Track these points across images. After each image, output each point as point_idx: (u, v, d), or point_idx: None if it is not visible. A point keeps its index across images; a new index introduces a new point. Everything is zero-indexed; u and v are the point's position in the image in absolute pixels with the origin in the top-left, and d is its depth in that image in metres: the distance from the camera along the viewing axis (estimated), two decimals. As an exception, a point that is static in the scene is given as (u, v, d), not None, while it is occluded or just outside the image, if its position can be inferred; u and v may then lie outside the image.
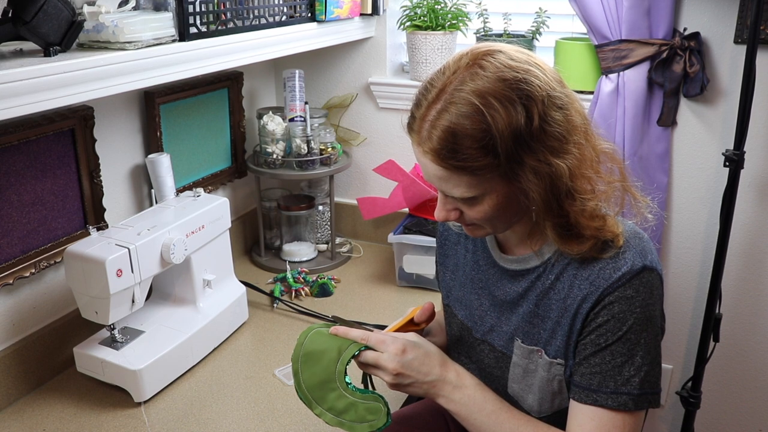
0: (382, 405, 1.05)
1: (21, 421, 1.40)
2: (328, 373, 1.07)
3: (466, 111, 0.92)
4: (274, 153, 2.00)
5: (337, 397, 1.06)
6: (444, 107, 0.94)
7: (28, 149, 1.44)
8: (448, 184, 0.99)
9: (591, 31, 1.73)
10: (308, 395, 1.08)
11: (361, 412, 1.05)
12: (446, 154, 0.94)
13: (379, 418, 1.04)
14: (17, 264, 1.45)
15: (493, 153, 0.93)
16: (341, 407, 1.06)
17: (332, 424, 1.06)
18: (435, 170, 0.98)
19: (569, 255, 1.03)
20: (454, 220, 1.06)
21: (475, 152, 0.93)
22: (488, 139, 0.92)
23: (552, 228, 1.00)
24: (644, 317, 0.99)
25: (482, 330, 1.18)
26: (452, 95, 0.94)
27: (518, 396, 1.14)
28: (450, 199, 1.03)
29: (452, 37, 2.01)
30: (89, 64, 1.20)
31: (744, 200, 1.79)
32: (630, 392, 1.00)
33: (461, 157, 0.94)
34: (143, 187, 1.79)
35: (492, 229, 1.07)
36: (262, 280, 2.01)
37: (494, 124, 0.91)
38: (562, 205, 0.98)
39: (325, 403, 1.07)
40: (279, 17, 1.71)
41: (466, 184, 0.97)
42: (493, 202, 1.00)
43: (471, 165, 0.94)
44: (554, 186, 0.96)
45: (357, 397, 1.06)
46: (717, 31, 1.70)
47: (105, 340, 1.51)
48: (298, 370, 1.09)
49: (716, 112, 1.77)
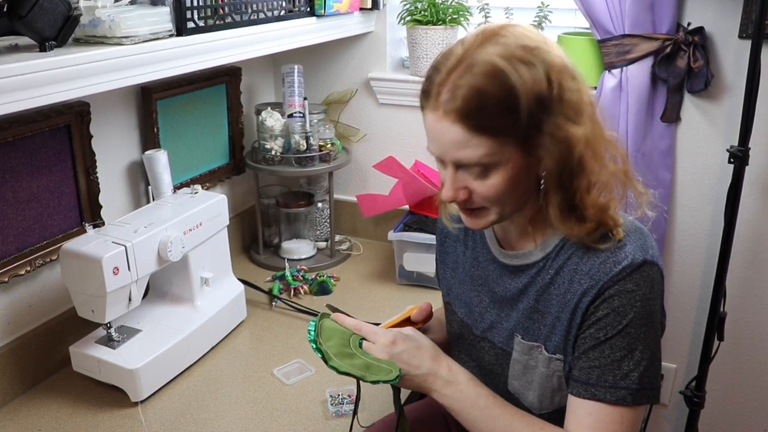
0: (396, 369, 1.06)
1: (16, 421, 1.39)
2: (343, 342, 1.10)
3: (490, 70, 0.93)
4: (273, 149, 1.98)
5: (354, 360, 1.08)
6: (467, 68, 0.94)
7: (24, 145, 1.43)
8: (465, 150, 0.96)
9: (594, 25, 1.72)
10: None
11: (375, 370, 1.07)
12: (471, 112, 0.93)
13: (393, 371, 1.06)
14: (12, 262, 1.44)
15: (515, 114, 0.93)
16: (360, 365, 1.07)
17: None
18: (454, 134, 0.96)
19: (569, 237, 1.03)
20: (462, 201, 1.03)
21: (498, 112, 0.93)
22: (512, 99, 0.93)
23: (556, 206, 1.01)
24: (644, 311, 0.99)
25: (482, 327, 1.19)
26: (475, 59, 0.94)
27: (518, 393, 1.14)
28: (460, 176, 1.01)
29: (453, 32, 1.99)
30: (85, 59, 1.19)
31: (749, 197, 1.77)
32: (629, 387, 0.99)
33: (485, 116, 0.93)
34: (140, 183, 1.78)
35: (498, 213, 1.04)
36: (260, 278, 2.00)
37: (518, 84, 0.93)
38: (572, 178, 0.98)
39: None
40: (278, 12, 1.70)
41: (486, 148, 0.95)
42: (506, 174, 0.98)
43: (494, 125, 0.94)
44: (568, 155, 0.97)
45: (371, 359, 1.07)
46: (721, 25, 1.69)
47: (101, 339, 1.50)
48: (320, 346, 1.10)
49: (720, 107, 1.76)
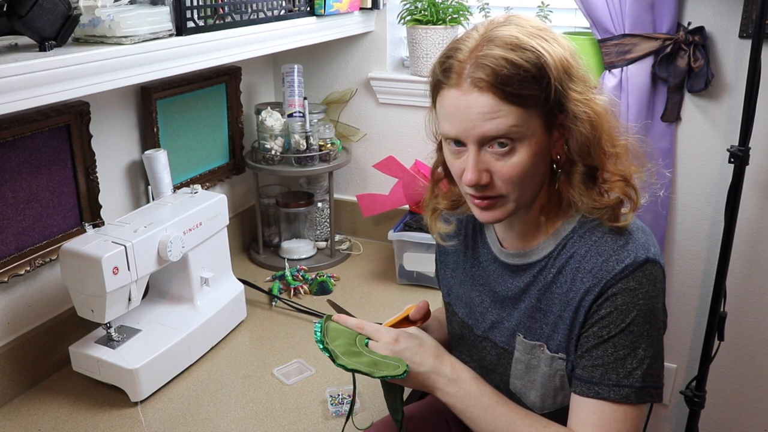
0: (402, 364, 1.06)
1: (16, 420, 1.39)
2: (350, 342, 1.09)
3: (516, 43, 0.95)
4: (273, 149, 1.98)
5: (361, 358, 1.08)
6: (491, 43, 0.95)
7: (23, 145, 1.43)
8: (494, 121, 0.95)
9: (594, 25, 1.71)
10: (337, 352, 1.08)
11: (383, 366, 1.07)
12: (502, 79, 0.93)
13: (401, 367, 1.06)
14: (12, 262, 1.44)
15: (544, 83, 0.95)
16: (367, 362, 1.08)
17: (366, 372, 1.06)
18: (483, 104, 0.95)
19: (590, 213, 1.03)
20: (484, 184, 1.00)
21: (528, 81, 0.94)
22: (541, 69, 0.95)
23: (579, 177, 1.02)
24: (647, 309, 0.99)
25: (483, 327, 1.19)
26: (496, 35, 0.96)
27: (520, 392, 1.14)
28: (483, 156, 0.99)
29: (453, 32, 1.99)
30: (85, 58, 1.19)
31: (749, 197, 1.77)
32: (632, 385, 0.99)
33: (515, 84, 0.94)
34: (140, 183, 1.78)
35: (516, 201, 1.02)
36: (260, 278, 2.00)
37: (546, 54, 0.95)
38: (597, 147, 1.00)
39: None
40: (277, 11, 1.70)
41: (514, 118, 0.95)
42: (530, 152, 0.98)
43: (523, 93, 0.94)
44: (593, 124, 0.99)
45: (378, 356, 1.07)
46: (722, 25, 1.69)
47: (101, 338, 1.49)
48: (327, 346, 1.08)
49: (721, 107, 1.76)
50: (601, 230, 1.03)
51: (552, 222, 1.08)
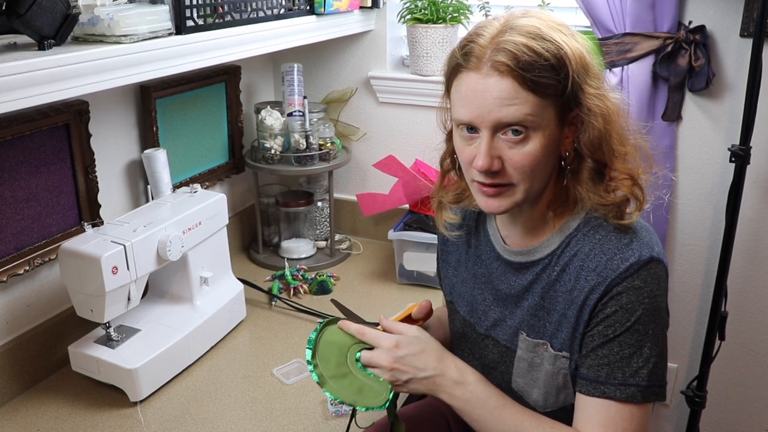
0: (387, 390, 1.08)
1: (15, 420, 1.39)
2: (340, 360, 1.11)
3: (537, 33, 0.96)
4: (273, 148, 1.98)
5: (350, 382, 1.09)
6: (513, 31, 0.96)
7: (22, 144, 1.43)
8: (510, 107, 0.96)
9: (594, 24, 1.71)
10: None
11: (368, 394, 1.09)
12: (523, 66, 0.94)
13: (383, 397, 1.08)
14: (11, 261, 1.43)
15: (563, 74, 0.96)
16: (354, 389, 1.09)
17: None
18: (501, 89, 0.95)
19: (596, 209, 1.04)
20: (495, 171, 1.00)
21: (548, 70, 0.95)
22: (560, 59, 0.96)
23: (588, 173, 1.03)
24: (652, 308, 0.99)
25: (486, 325, 1.19)
26: (517, 25, 0.97)
27: (523, 391, 1.14)
28: (496, 143, 0.99)
29: (453, 31, 1.99)
30: (84, 57, 1.18)
31: (750, 196, 1.77)
32: (638, 384, 0.99)
33: (535, 71, 0.95)
34: (139, 183, 1.77)
35: (525, 191, 1.02)
36: (260, 277, 1.99)
37: (565, 47, 0.97)
38: (608, 144, 1.01)
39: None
40: (277, 10, 1.69)
41: (531, 106, 0.96)
42: (542, 142, 0.98)
43: (542, 82, 0.95)
44: (607, 120, 1.00)
45: (365, 377, 1.09)
46: (723, 24, 1.69)
47: (100, 338, 1.49)
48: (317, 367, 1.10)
49: (722, 106, 1.75)
50: (606, 228, 1.03)
51: (559, 217, 1.08)
